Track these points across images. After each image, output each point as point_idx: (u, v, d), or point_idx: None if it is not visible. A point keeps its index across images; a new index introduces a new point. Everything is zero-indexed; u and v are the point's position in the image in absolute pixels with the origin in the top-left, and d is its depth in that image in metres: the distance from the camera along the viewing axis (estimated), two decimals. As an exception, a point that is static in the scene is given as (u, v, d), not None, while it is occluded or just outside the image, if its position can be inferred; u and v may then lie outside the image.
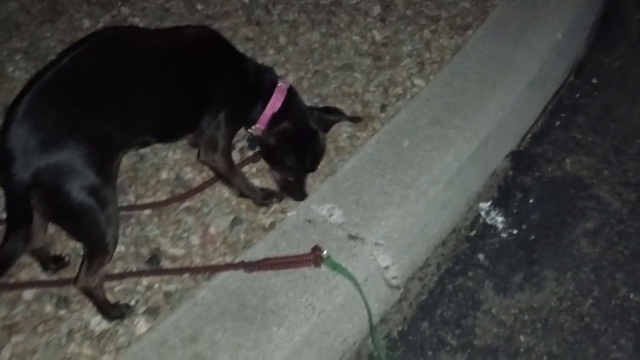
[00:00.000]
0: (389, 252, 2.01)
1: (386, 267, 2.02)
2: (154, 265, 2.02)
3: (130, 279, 1.98)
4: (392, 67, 2.68)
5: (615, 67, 2.99)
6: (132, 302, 1.92)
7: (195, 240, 2.09)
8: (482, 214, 2.41)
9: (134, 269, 2.01)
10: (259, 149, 2.27)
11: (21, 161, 1.62)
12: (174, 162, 2.32)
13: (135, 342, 1.79)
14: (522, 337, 2.05)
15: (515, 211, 2.42)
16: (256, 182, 2.25)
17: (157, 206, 2.17)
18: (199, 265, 2.02)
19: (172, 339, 1.77)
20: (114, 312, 1.87)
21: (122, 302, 1.91)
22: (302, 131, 2.15)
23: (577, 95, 2.87)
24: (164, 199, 2.19)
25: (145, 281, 1.97)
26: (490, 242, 2.32)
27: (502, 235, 2.34)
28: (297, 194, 2.17)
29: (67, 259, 2.03)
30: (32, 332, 1.86)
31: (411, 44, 2.81)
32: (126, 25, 2.89)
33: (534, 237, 2.33)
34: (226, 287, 1.89)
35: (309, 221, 2.05)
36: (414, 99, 2.47)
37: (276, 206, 2.17)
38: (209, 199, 2.20)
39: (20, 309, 1.91)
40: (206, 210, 2.17)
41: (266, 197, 2.17)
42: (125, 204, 2.16)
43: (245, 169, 2.29)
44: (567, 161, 2.58)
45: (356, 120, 2.35)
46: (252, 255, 1.95)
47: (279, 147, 2.13)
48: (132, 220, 2.14)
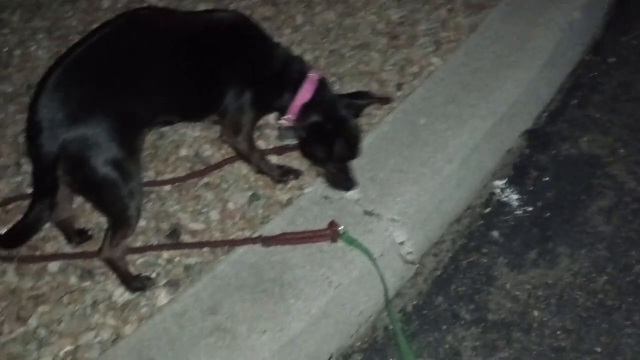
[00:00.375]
0: (405, 228, 2.04)
1: (401, 243, 2.05)
2: (174, 239, 2.07)
3: (151, 253, 2.03)
4: (408, 46, 2.69)
5: (632, 46, 2.97)
6: (154, 275, 1.97)
7: (214, 215, 2.13)
8: (497, 191, 2.42)
9: (155, 243, 2.07)
10: (289, 142, 2.28)
11: (49, 133, 1.68)
12: (193, 140, 2.36)
13: (156, 313, 1.85)
14: (535, 312, 2.07)
15: (530, 189, 2.43)
16: (274, 160, 2.28)
17: (177, 181, 2.21)
18: (218, 239, 2.06)
19: (192, 311, 1.82)
20: (136, 283, 1.93)
21: (143, 274, 1.96)
22: (332, 122, 2.10)
23: (593, 73, 2.86)
24: (184, 175, 2.23)
25: (166, 255, 2.03)
26: (504, 219, 2.34)
27: (517, 212, 2.36)
28: (345, 184, 2.11)
29: (90, 232, 2.09)
30: (57, 303, 1.92)
31: (427, 23, 2.81)
32: (153, 6, 2.90)
33: (548, 214, 2.34)
34: (245, 261, 1.93)
35: (326, 197, 2.09)
36: (429, 78, 2.49)
37: (293, 183, 2.21)
38: (227, 175, 2.24)
39: (46, 280, 1.98)
40: (225, 186, 2.21)
41: (283, 174, 2.20)
42: (145, 180, 2.21)
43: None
44: (583, 140, 2.58)
45: (385, 101, 2.33)
46: (270, 230, 1.99)
47: (311, 141, 2.10)
48: (153, 195, 2.19)
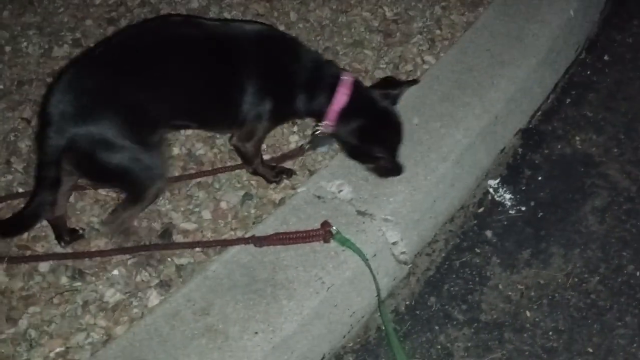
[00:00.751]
0: (398, 227, 2.04)
1: (395, 243, 2.04)
2: (166, 239, 2.06)
3: (143, 253, 2.02)
4: (403, 44, 2.68)
5: (627, 44, 2.97)
6: (146, 276, 1.96)
7: (206, 215, 2.12)
8: (491, 191, 2.42)
9: (147, 243, 2.05)
10: (321, 149, 2.26)
11: (57, 126, 1.71)
12: (185, 138, 2.35)
13: (148, 314, 1.84)
14: (528, 313, 2.08)
15: (523, 188, 2.43)
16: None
17: (170, 182, 2.19)
18: (211, 239, 2.05)
19: (184, 311, 1.81)
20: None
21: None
22: (379, 121, 2.07)
23: (588, 72, 2.86)
24: (176, 174, 2.22)
25: (158, 254, 2.01)
26: (498, 218, 2.34)
27: (510, 212, 2.36)
28: (396, 170, 2.08)
29: (81, 232, 2.07)
30: (48, 303, 1.90)
31: (422, 20, 2.80)
32: (186, 14, 2.85)
33: (542, 214, 2.34)
34: (237, 261, 1.92)
35: (319, 197, 2.08)
36: (424, 76, 2.47)
37: (286, 182, 2.20)
38: (220, 174, 2.23)
39: (36, 281, 1.96)
40: (217, 185, 2.20)
41: (277, 175, 2.19)
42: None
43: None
44: (577, 139, 2.58)
45: (413, 82, 2.24)
46: (263, 230, 1.98)
47: (365, 144, 2.05)
48: (145, 194, 2.18)
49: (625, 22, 3.07)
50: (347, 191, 2.08)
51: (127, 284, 1.95)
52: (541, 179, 2.46)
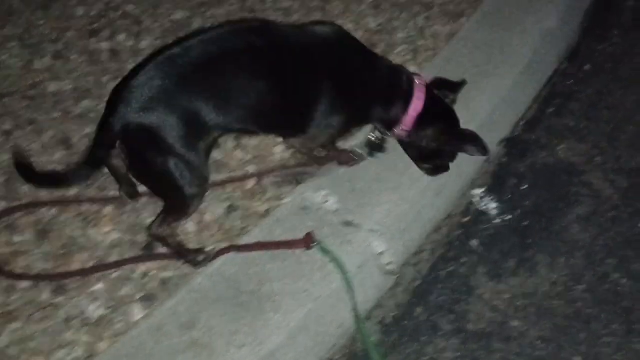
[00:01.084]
0: (384, 238, 2.03)
1: (381, 253, 2.03)
2: (149, 252, 2.03)
3: (126, 267, 1.99)
4: (386, 54, 2.68)
5: (608, 54, 3.00)
6: (129, 288, 1.93)
7: (191, 227, 2.10)
8: (476, 200, 2.42)
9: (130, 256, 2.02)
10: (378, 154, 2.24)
11: (119, 113, 1.74)
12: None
13: (132, 328, 1.81)
14: (515, 322, 2.07)
15: (508, 197, 2.43)
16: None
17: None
18: (195, 252, 2.03)
19: (169, 325, 1.79)
20: (192, 256, 1.96)
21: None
22: (452, 122, 2.11)
23: (570, 82, 2.88)
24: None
25: (142, 268, 1.98)
26: (483, 228, 2.34)
27: (496, 221, 2.36)
28: (446, 168, 2.18)
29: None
30: (29, 320, 1.87)
31: (405, 31, 2.81)
32: (260, 18, 2.81)
33: (527, 223, 2.35)
34: (222, 274, 1.90)
35: (304, 208, 2.07)
36: (408, 86, 2.47)
37: (271, 193, 2.18)
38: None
39: (16, 297, 1.92)
40: (202, 197, 2.18)
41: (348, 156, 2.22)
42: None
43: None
44: (560, 148, 2.60)
45: (464, 83, 2.21)
46: (248, 241, 1.97)
47: (444, 145, 2.08)
48: (128, 207, 2.15)
49: (605, 32, 3.11)
50: (332, 202, 2.07)
51: (110, 298, 1.92)
52: (525, 188, 2.46)
